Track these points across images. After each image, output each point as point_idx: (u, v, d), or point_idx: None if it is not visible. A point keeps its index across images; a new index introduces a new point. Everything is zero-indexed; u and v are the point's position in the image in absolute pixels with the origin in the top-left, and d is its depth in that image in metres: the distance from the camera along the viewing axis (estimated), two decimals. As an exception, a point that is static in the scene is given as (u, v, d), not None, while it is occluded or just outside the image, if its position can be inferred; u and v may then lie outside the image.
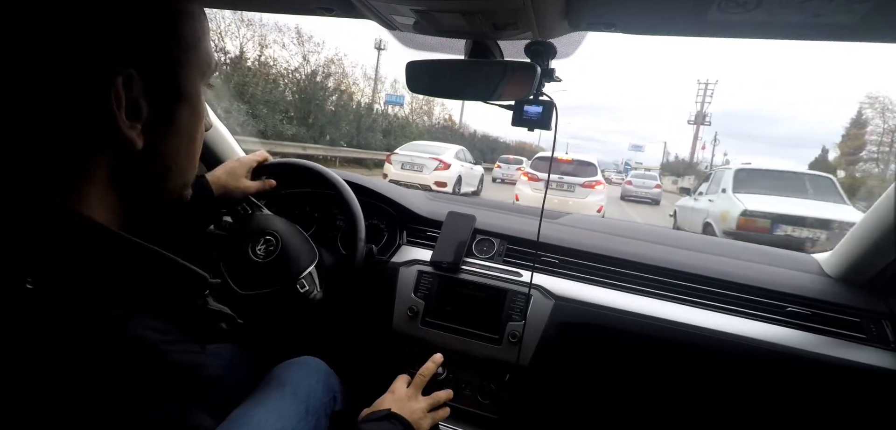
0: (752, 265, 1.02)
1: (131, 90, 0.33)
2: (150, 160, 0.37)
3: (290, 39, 15.13)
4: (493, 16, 0.59)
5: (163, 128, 0.37)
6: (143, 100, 0.34)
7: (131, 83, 0.33)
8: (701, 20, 0.52)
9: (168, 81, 0.36)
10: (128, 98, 0.33)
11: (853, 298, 0.92)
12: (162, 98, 0.36)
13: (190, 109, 0.39)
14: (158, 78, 0.35)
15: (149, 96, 0.35)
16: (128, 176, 0.36)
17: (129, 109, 0.33)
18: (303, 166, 1.03)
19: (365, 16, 0.65)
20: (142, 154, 0.35)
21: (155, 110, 0.35)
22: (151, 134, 0.36)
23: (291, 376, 0.78)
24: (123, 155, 0.35)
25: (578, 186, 7.10)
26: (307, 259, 0.90)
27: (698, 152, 40.46)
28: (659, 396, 1.06)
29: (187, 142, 0.40)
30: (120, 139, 0.33)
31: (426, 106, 24.90)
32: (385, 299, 1.06)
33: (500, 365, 1.00)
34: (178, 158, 0.40)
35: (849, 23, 0.48)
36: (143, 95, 0.34)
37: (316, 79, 14.48)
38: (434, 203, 1.26)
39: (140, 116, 0.34)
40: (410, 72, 0.76)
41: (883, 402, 0.86)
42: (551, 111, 0.74)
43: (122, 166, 0.35)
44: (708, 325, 0.91)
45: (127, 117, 0.33)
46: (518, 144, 35.18)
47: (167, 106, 0.37)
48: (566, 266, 1.04)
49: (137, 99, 0.34)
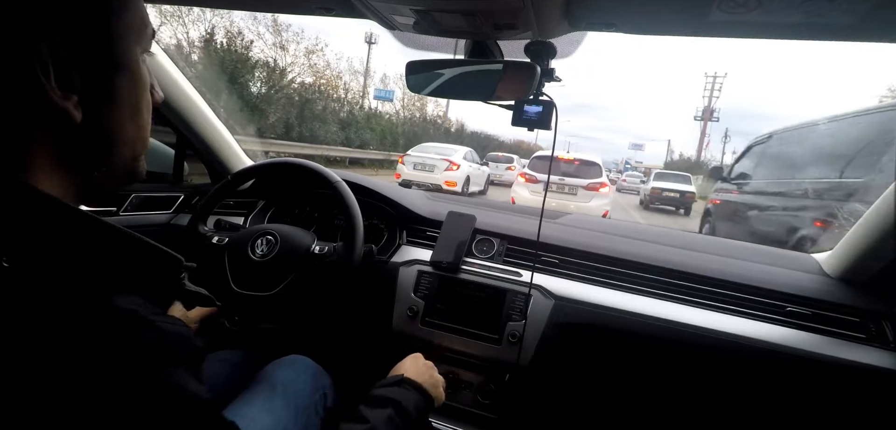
0: (752, 265, 1.02)
1: (58, 57, 0.32)
2: (93, 135, 0.36)
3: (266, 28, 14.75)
4: (493, 16, 0.59)
5: (101, 100, 0.36)
6: (73, 68, 0.33)
7: (56, 50, 0.32)
8: (701, 20, 0.52)
9: (99, 48, 0.35)
10: (56, 67, 0.32)
11: (853, 298, 0.92)
12: (94, 66, 0.35)
13: (129, 79, 0.38)
14: (87, 45, 0.34)
15: (79, 64, 0.34)
16: (73, 152, 0.36)
17: (59, 78, 0.33)
18: (302, 166, 1.03)
19: (365, 16, 0.65)
20: (84, 129, 0.35)
21: (89, 80, 0.35)
22: (90, 107, 0.35)
23: (280, 375, 0.78)
24: (65, 131, 0.34)
25: (581, 188, 6.41)
26: (309, 238, 0.95)
27: (704, 150, 37.28)
28: (659, 396, 1.06)
29: (132, 113, 0.39)
30: (55, 112, 0.33)
31: (418, 102, 24.23)
32: (385, 299, 1.06)
33: (499, 365, 1.00)
34: (122, 131, 0.39)
35: (849, 23, 0.48)
36: (72, 63, 0.33)
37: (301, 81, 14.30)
38: (434, 203, 1.26)
39: (72, 86, 0.34)
40: (410, 71, 0.76)
41: (883, 402, 0.86)
42: (551, 111, 0.73)
43: (65, 143, 0.35)
44: (708, 325, 0.91)
45: (59, 88, 0.33)
46: (516, 143, 34.93)
47: (102, 75, 0.36)
48: (566, 266, 1.04)
49: (66, 68, 0.33)
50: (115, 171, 0.39)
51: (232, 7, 0.76)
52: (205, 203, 1.01)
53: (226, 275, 0.90)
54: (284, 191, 1.27)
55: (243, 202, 1.27)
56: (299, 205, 1.25)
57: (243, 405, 0.71)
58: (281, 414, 0.71)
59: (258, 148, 6.59)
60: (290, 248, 0.91)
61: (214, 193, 1.02)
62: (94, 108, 0.35)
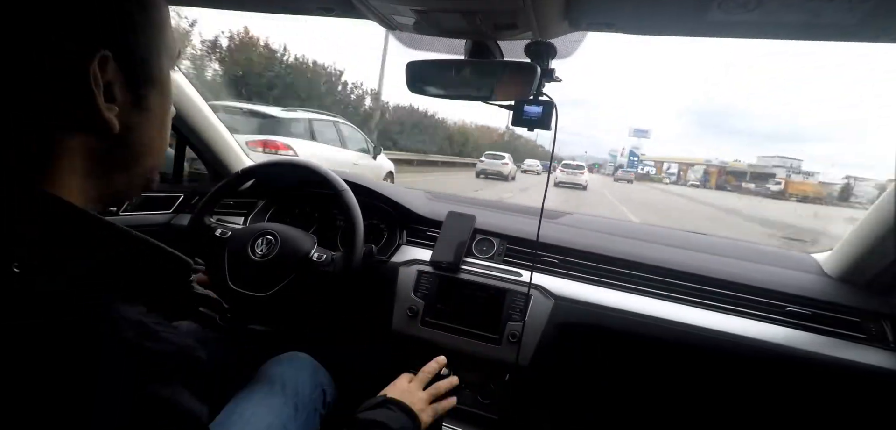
0: (753, 265, 1.02)
1: (106, 71, 0.34)
2: (125, 145, 0.38)
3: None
4: (493, 16, 0.59)
5: (136, 112, 0.38)
6: (118, 82, 0.35)
7: (106, 64, 0.34)
8: (701, 20, 0.52)
9: (140, 64, 0.37)
10: (104, 79, 0.34)
11: (853, 298, 0.92)
12: (135, 81, 0.37)
13: (160, 93, 0.40)
14: (132, 60, 0.36)
15: (123, 78, 0.35)
16: (105, 161, 0.37)
17: (106, 90, 0.34)
18: (302, 166, 1.03)
19: (365, 16, 0.65)
20: (118, 139, 0.36)
21: (129, 93, 0.36)
22: (126, 118, 0.36)
23: (280, 372, 0.78)
24: (101, 139, 0.36)
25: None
26: (309, 242, 0.94)
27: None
28: (659, 396, 1.06)
29: (160, 126, 0.41)
30: (99, 122, 0.34)
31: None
32: (385, 299, 1.06)
33: (499, 365, 1.00)
34: (152, 143, 0.41)
35: (849, 23, 0.48)
36: (117, 77, 0.35)
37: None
38: (434, 203, 1.26)
39: (115, 98, 0.35)
40: (410, 72, 0.76)
41: (883, 402, 0.86)
42: (551, 111, 0.74)
43: (99, 152, 0.36)
44: (708, 325, 0.91)
45: (104, 99, 0.34)
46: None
47: (140, 89, 0.38)
48: (566, 266, 1.04)
49: (112, 81, 0.34)
50: (136, 179, 0.41)
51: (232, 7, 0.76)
52: (208, 199, 1.02)
53: (224, 270, 0.90)
54: (285, 191, 1.27)
55: (243, 202, 1.27)
56: (299, 205, 1.25)
57: (243, 401, 0.71)
58: (280, 411, 0.71)
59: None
60: (289, 250, 0.91)
61: (217, 191, 1.02)
62: (129, 119, 0.37)
